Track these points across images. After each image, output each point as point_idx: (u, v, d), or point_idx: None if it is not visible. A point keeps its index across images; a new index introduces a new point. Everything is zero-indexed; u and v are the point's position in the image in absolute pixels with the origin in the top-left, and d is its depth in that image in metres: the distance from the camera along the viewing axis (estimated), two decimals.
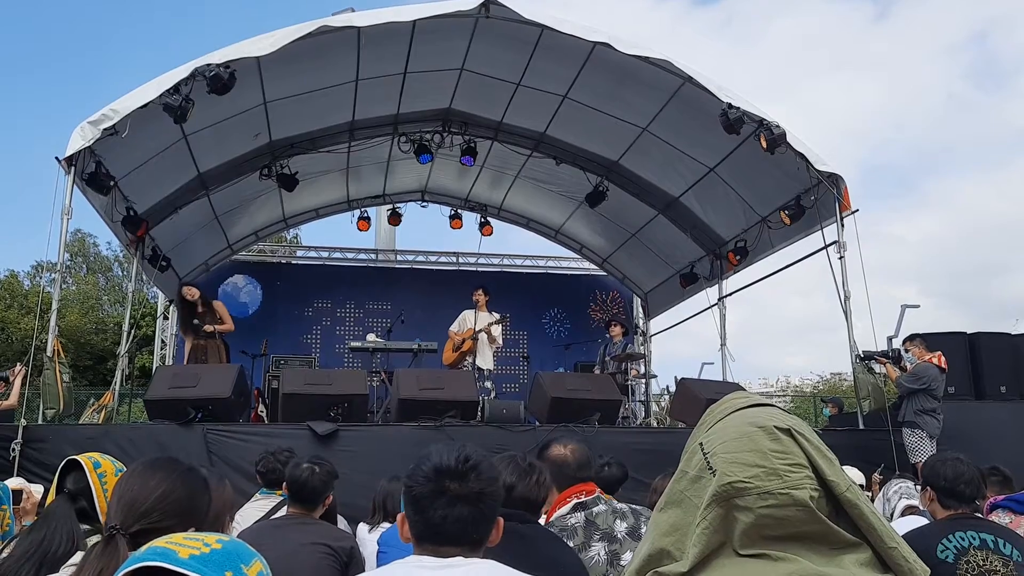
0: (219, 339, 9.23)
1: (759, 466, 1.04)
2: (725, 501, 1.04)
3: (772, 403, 1.15)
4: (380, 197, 13.23)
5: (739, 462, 1.05)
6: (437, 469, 1.64)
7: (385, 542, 3.51)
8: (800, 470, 1.04)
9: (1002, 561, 2.61)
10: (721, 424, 1.13)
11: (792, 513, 1.02)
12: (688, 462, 1.13)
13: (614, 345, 10.55)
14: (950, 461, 3.00)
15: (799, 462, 1.04)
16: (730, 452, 1.06)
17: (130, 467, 1.88)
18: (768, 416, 1.10)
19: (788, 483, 1.02)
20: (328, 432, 6.90)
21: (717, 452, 1.08)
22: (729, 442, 1.08)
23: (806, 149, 8.51)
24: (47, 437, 6.56)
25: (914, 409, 7.55)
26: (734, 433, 1.09)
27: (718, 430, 1.12)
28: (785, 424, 1.08)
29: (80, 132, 7.24)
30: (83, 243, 30.21)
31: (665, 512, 1.13)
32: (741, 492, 1.03)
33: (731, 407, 1.15)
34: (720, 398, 1.21)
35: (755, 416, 1.10)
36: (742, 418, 1.11)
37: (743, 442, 1.07)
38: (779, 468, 1.03)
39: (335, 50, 8.45)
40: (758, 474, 1.03)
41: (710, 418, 1.17)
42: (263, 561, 1.23)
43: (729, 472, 1.05)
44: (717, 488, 1.05)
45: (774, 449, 1.05)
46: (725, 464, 1.06)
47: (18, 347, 21.31)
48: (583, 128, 10.64)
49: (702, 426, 1.17)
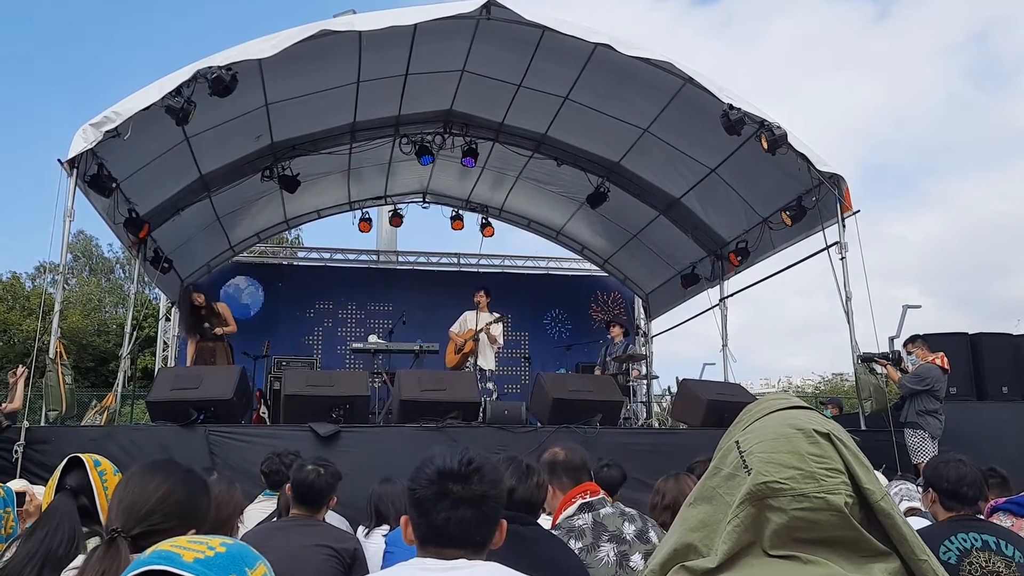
0: (225, 341, 9.26)
1: (796, 468, 1.03)
2: (759, 500, 1.04)
3: (811, 407, 1.14)
4: (381, 198, 13.25)
5: (776, 462, 1.04)
6: (440, 472, 1.65)
7: (392, 542, 3.52)
8: (837, 475, 1.03)
9: (1005, 562, 2.61)
10: (759, 424, 1.12)
11: (826, 517, 1.01)
12: (723, 459, 1.13)
13: (615, 346, 10.54)
14: (953, 463, 3.00)
15: (836, 467, 1.04)
16: (767, 452, 1.06)
17: (129, 470, 1.89)
18: (807, 419, 1.09)
19: (824, 487, 1.02)
20: (330, 433, 6.90)
21: (754, 451, 1.07)
22: (766, 442, 1.07)
23: (807, 150, 8.51)
24: (50, 439, 6.56)
25: (916, 410, 7.55)
26: (772, 433, 1.08)
27: (756, 429, 1.11)
28: (825, 428, 1.07)
29: (82, 134, 7.25)
30: (87, 244, 30.22)
31: (695, 507, 1.13)
32: (776, 492, 1.03)
33: (770, 407, 1.14)
34: (721, 399, 1.21)
35: (794, 418, 1.09)
36: (781, 419, 1.10)
37: (781, 443, 1.06)
38: (816, 472, 1.03)
39: (336, 52, 8.46)
40: (794, 476, 1.03)
41: (748, 417, 1.16)
42: (267, 564, 1.23)
43: (765, 472, 1.04)
44: (752, 487, 1.04)
45: (812, 452, 1.04)
46: (761, 464, 1.05)
47: (20, 349, 21.33)
48: (584, 129, 10.65)
49: (739, 424, 1.16)
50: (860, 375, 8.37)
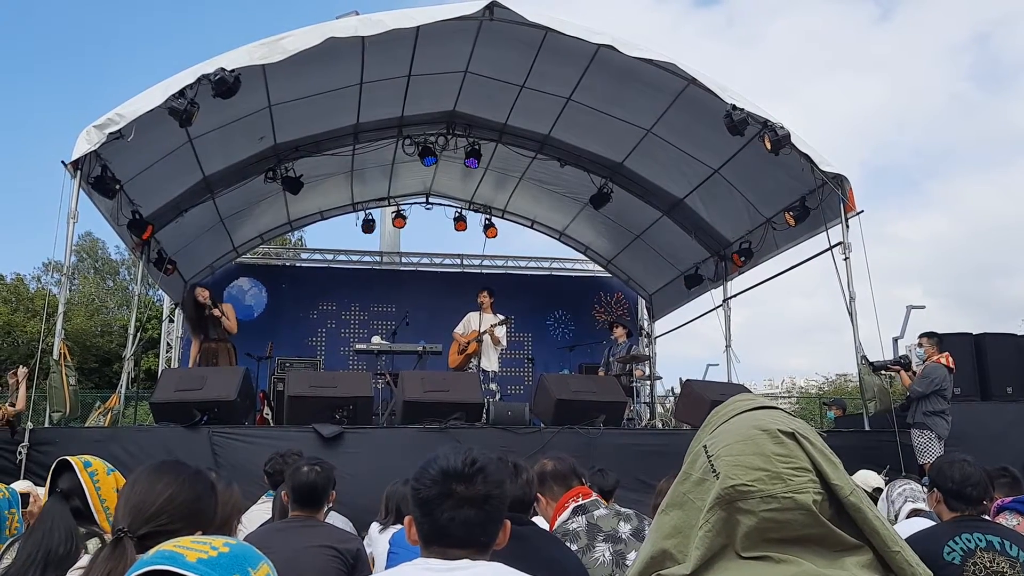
0: (229, 342, 9.25)
1: (762, 469, 1.03)
2: (728, 504, 1.04)
3: (777, 406, 1.14)
4: (384, 199, 13.27)
5: (742, 465, 1.04)
6: (444, 471, 1.65)
7: (396, 543, 3.53)
8: (804, 474, 1.03)
9: (1009, 563, 2.60)
10: (725, 427, 1.12)
11: (794, 517, 1.02)
12: (692, 464, 1.13)
13: (618, 347, 10.54)
14: (957, 463, 2.99)
15: (803, 466, 1.04)
16: (733, 455, 1.06)
17: (136, 470, 1.89)
18: (772, 419, 1.09)
19: (791, 487, 1.02)
20: (333, 434, 6.91)
21: (721, 455, 1.08)
22: (733, 445, 1.08)
23: (810, 150, 8.49)
24: (54, 440, 6.57)
25: (924, 411, 7.54)
26: (738, 436, 1.08)
27: (722, 432, 1.12)
28: (789, 428, 1.07)
29: (86, 136, 7.26)
30: (94, 245, 30.24)
31: (667, 514, 1.13)
32: (744, 495, 1.03)
33: (736, 409, 1.15)
34: (725, 399, 1.20)
35: (759, 419, 1.10)
36: (746, 421, 1.11)
37: (747, 445, 1.06)
38: (782, 472, 1.03)
39: (340, 53, 8.46)
40: (761, 477, 1.03)
41: (714, 420, 1.16)
42: (270, 564, 1.23)
43: (732, 475, 1.04)
44: (720, 491, 1.05)
45: (778, 453, 1.04)
46: (728, 467, 1.05)
47: (24, 350, 21.37)
48: (587, 130, 10.65)
49: (706, 428, 1.16)
50: (864, 376, 8.35)
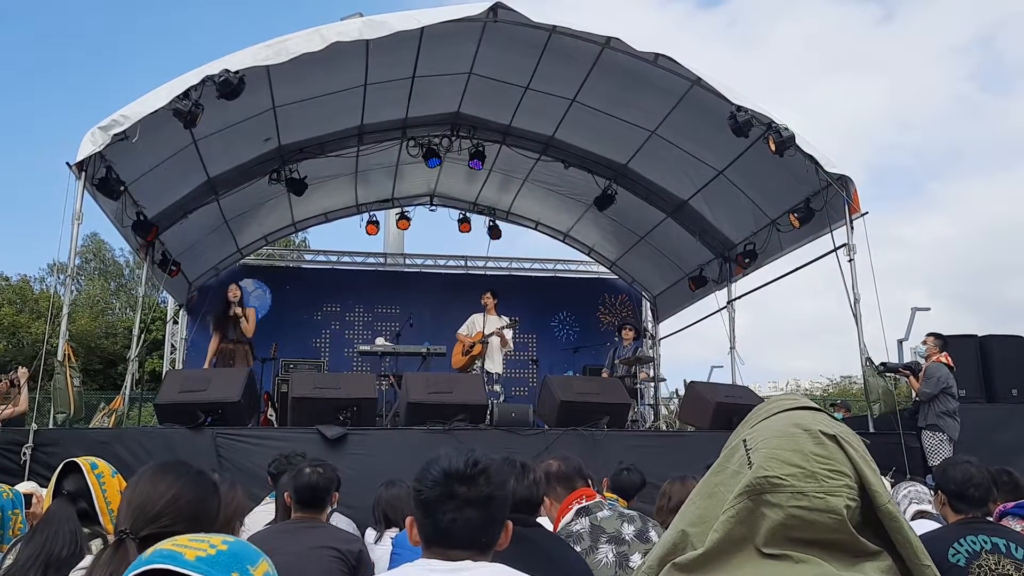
0: (247, 344, 9.29)
1: (798, 466, 1.02)
2: (757, 495, 1.03)
3: (821, 408, 1.13)
4: (389, 201, 13.26)
5: (778, 459, 1.04)
6: (446, 472, 1.64)
7: (399, 544, 3.52)
8: (840, 478, 1.02)
9: (1014, 565, 2.59)
10: (766, 423, 1.12)
11: (822, 519, 1.01)
12: (729, 458, 1.12)
13: (623, 348, 10.53)
14: (960, 464, 2.98)
15: (840, 469, 1.03)
16: (771, 448, 1.05)
17: (139, 471, 1.89)
18: (815, 420, 1.08)
19: (824, 488, 1.01)
20: (337, 436, 6.91)
21: (758, 448, 1.07)
22: (771, 439, 1.07)
23: (815, 151, 8.47)
24: (58, 441, 6.58)
25: (936, 412, 7.54)
26: (777, 432, 1.08)
27: (762, 428, 1.11)
28: (832, 430, 1.06)
29: (91, 137, 7.28)
30: (99, 247, 30.30)
31: (695, 503, 1.13)
32: (775, 488, 1.02)
33: (778, 407, 1.14)
34: (729, 401, 1.21)
35: (802, 418, 1.09)
36: (788, 419, 1.10)
37: (785, 441, 1.05)
38: (818, 472, 1.02)
39: (344, 55, 8.46)
40: (795, 473, 1.02)
41: (755, 416, 1.15)
42: (269, 562, 1.23)
43: (766, 466, 1.03)
44: (752, 479, 1.04)
45: (816, 453, 1.03)
46: (764, 459, 1.05)
47: (29, 351, 21.41)
48: (592, 131, 10.64)
49: (747, 423, 1.16)
50: (869, 378, 8.32)
